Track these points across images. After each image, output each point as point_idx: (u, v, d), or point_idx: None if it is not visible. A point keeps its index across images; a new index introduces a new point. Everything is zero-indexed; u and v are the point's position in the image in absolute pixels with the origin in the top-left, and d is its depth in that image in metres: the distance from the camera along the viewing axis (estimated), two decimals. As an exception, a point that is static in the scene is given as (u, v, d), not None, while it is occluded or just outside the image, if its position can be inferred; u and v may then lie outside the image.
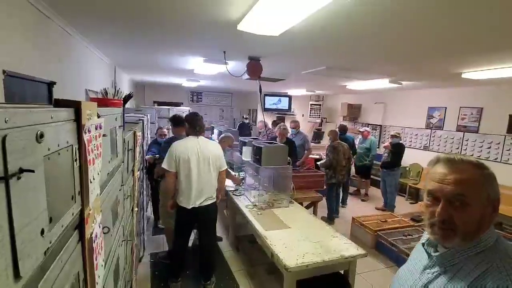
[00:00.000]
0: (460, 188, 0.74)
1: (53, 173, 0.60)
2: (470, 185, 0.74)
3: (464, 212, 0.74)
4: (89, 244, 0.81)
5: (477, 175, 0.75)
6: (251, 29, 2.03)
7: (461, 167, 0.76)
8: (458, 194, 0.74)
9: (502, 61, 2.90)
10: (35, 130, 0.51)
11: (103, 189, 1.06)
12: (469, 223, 0.74)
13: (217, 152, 2.65)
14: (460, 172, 0.76)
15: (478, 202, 0.73)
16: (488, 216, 0.75)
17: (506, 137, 4.59)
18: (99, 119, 0.90)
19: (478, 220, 0.74)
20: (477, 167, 0.75)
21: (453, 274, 0.76)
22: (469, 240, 0.75)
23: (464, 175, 0.75)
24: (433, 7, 1.61)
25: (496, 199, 0.75)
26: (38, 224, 0.53)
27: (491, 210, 0.75)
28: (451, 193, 0.75)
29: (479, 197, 0.74)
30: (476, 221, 0.74)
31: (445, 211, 0.75)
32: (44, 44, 2.01)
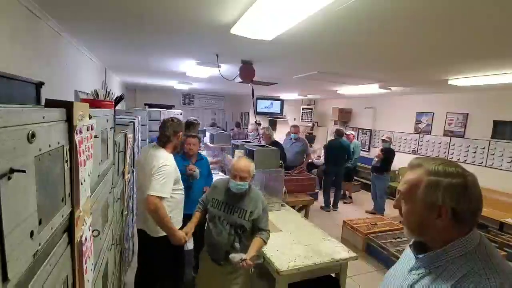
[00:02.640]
0: (403, 187, 0.86)
1: (44, 174, 0.59)
2: (409, 187, 0.83)
3: (404, 208, 0.85)
4: (78, 247, 0.80)
5: (421, 180, 0.81)
6: (244, 33, 2.05)
7: (414, 171, 0.84)
8: (399, 191, 0.87)
9: (486, 69, 3.01)
10: (27, 130, 0.51)
11: (94, 191, 1.05)
12: (408, 219, 0.85)
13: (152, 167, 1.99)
14: (410, 174, 0.85)
15: (414, 203, 0.82)
16: (431, 220, 0.79)
17: (491, 142, 4.74)
18: (91, 120, 0.89)
19: (416, 217, 0.82)
20: (428, 174, 0.80)
21: (436, 275, 0.79)
22: (416, 234, 0.86)
23: (409, 177, 0.85)
24: (421, 17, 1.66)
25: (437, 206, 0.77)
26: (28, 225, 0.52)
27: (435, 215, 0.78)
28: (399, 189, 0.88)
29: (415, 199, 0.81)
30: (413, 218, 0.83)
31: (396, 202, 0.88)
32: (33, 44, 1.97)
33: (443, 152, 5.51)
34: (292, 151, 5.13)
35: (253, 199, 1.91)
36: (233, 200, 1.90)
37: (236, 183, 1.84)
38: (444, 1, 1.45)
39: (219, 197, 1.94)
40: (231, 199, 1.91)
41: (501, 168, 4.59)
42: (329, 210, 5.36)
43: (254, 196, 1.93)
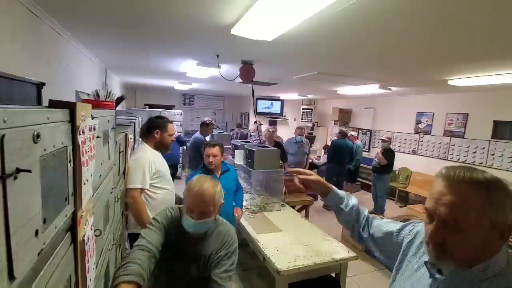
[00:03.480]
0: (454, 212, 0.65)
1: (48, 174, 0.59)
2: (466, 210, 0.64)
3: (458, 237, 0.65)
4: (81, 247, 0.81)
5: (478, 198, 0.64)
6: (244, 34, 2.06)
7: (460, 187, 0.66)
8: (452, 219, 0.65)
9: (486, 69, 3.02)
10: (32, 131, 0.51)
11: (95, 191, 1.05)
12: (465, 249, 0.66)
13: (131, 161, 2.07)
14: (457, 193, 0.66)
15: (476, 228, 0.64)
16: (493, 242, 0.65)
17: (491, 142, 4.75)
18: (93, 120, 0.90)
19: (476, 246, 0.65)
20: (481, 188, 0.64)
21: None
22: (466, 265, 0.68)
23: (461, 198, 0.65)
24: (421, 18, 1.67)
25: (506, 224, 0.64)
26: (33, 224, 0.52)
27: (498, 236, 0.65)
28: (444, 216, 0.66)
29: (477, 223, 0.64)
30: (473, 247, 0.66)
31: (438, 234, 0.67)
32: (33, 44, 1.97)
33: (443, 152, 5.52)
34: (297, 153, 5.13)
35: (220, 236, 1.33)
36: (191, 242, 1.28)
37: (193, 222, 1.22)
38: (443, 2, 1.45)
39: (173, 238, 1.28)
40: (185, 242, 1.27)
41: (501, 168, 4.59)
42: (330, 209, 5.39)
43: (222, 232, 1.34)
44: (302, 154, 5.20)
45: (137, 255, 1.10)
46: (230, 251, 1.31)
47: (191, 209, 1.23)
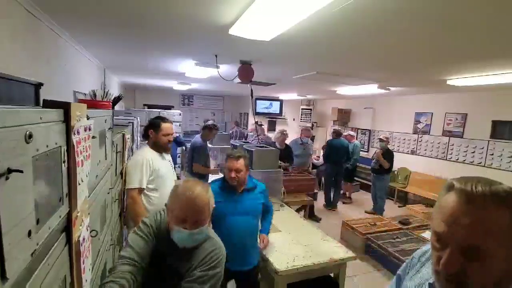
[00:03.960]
0: (479, 237, 0.53)
1: (41, 174, 0.59)
2: (494, 234, 0.52)
3: (481, 267, 0.53)
4: (76, 247, 0.80)
5: (503, 217, 0.53)
6: (242, 34, 2.06)
7: (483, 206, 0.54)
8: (474, 246, 0.53)
9: (484, 69, 3.02)
10: (24, 131, 0.51)
11: (92, 191, 1.05)
12: (489, 278, 0.54)
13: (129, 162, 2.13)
14: (480, 213, 0.54)
15: (501, 255, 0.53)
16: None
17: (490, 142, 4.76)
18: (88, 120, 0.89)
19: (500, 276, 0.54)
20: (503, 203, 0.54)
21: None
22: None
23: (487, 220, 0.53)
24: (420, 18, 1.67)
25: None
26: (26, 225, 0.52)
27: None
28: (465, 241, 0.54)
29: (504, 248, 0.52)
30: (498, 274, 0.54)
31: (454, 263, 0.54)
32: (32, 45, 1.97)
33: (442, 152, 5.53)
34: (301, 154, 5.11)
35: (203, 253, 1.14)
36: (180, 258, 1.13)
37: (187, 234, 1.07)
38: (442, 2, 1.45)
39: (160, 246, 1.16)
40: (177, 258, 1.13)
41: (500, 168, 4.60)
42: (331, 208, 5.44)
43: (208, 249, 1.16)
44: (306, 156, 5.18)
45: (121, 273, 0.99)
46: (208, 275, 1.08)
47: (182, 219, 1.06)
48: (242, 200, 1.94)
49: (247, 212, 1.93)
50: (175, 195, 1.11)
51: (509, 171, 4.49)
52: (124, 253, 1.08)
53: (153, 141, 2.23)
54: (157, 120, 2.27)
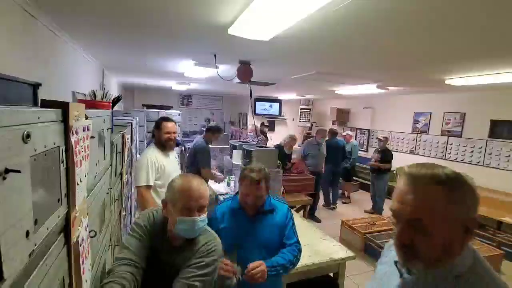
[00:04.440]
0: (418, 212, 0.64)
1: (39, 174, 0.59)
2: (430, 209, 0.63)
3: (425, 238, 0.64)
4: (75, 248, 0.80)
5: (440, 195, 0.63)
6: (241, 33, 2.05)
7: (424, 185, 0.65)
8: (416, 219, 0.64)
9: (482, 69, 3.03)
10: (22, 130, 0.51)
11: (90, 192, 1.04)
12: (432, 249, 0.64)
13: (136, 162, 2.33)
14: (421, 191, 0.64)
15: (441, 227, 0.63)
16: (459, 239, 0.65)
17: (488, 141, 4.77)
18: (87, 120, 0.89)
19: (443, 245, 0.64)
20: (441, 184, 0.63)
21: None
22: (434, 265, 0.66)
23: (424, 197, 0.64)
24: (418, 17, 1.67)
25: (470, 219, 0.64)
26: (23, 225, 0.52)
27: (463, 231, 0.64)
28: (408, 216, 0.65)
29: (442, 222, 0.63)
30: (440, 246, 0.64)
31: (404, 235, 0.66)
32: (30, 45, 1.96)
33: (441, 151, 5.54)
34: (317, 155, 4.97)
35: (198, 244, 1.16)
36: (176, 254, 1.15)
37: (195, 220, 1.10)
38: (440, 2, 1.46)
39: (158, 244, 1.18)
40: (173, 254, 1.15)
41: (498, 167, 4.61)
42: (331, 208, 5.46)
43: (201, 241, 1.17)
44: (321, 156, 5.05)
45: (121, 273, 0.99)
46: (205, 261, 1.11)
47: (188, 208, 1.09)
48: (255, 227, 1.53)
49: (262, 245, 1.51)
50: (175, 189, 1.14)
51: (507, 170, 4.50)
52: (121, 255, 1.09)
53: (157, 139, 2.38)
54: (159, 120, 2.43)
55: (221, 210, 1.63)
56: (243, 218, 1.56)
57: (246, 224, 1.54)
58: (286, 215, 1.61)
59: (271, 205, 1.60)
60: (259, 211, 1.55)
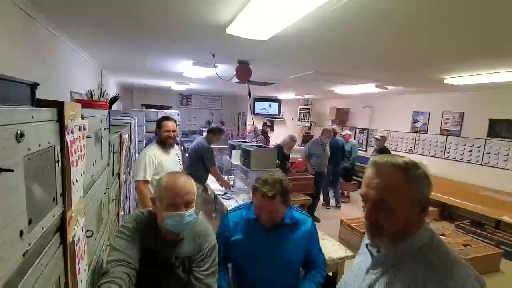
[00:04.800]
0: (383, 193, 0.75)
1: (34, 174, 0.58)
2: (392, 191, 0.75)
3: (389, 216, 0.75)
4: (71, 248, 0.80)
5: (400, 179, 0.75)
6: (239, 33, 2.05)
7: (385, 171, 0.77)
8: (381, 201, 0.76)
9: (481, 68, 3.03)
10: (15, 130, 0.50)
11: (87, 191, 1.04)
12: (394, 225, 0.75)
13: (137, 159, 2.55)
14: (383, 176, 0.77)
15: (401, 206, 0.74)
16: (416, 216, 0.76)
17: (487, 140, 4.78)
18: (83, 120, 0.89)
19: (403, 221, 0.75)
20: (401, 170, 0.76)
21: (393, 274, 0.76)
22: (397, 240, 0.77)
23: (386, 180, 0.76)
24: (416, 16, 1.67)
25: (424, 199, 0.76)
26: (17, 225, 0.51)
27: (419, 210, 0.76)
28: (374, 198, 0.77)
29: (402, 201, 0.74)
30: (401, 223, 0.75)
31: (371, 215, 0.78)
32: (28, 45, 1.96)
33: (440, 151, 5.54)
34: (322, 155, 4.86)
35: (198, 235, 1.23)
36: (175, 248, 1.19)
37: (182, 215, 1.12)
38: (439, 2, 1.46)
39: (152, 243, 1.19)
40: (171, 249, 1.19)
41: (497, 166, 4.62)
42: (329, 207, 5.46)
43: (199, 231, 1.24)
44: (326, 157, 4.96)
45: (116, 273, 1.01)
46: (210, 247, 1.23)
47: (174, 204, 1.12)
48: (273, 243, 1.34)
49: (281, 263, 1.34)
50: (162, 186, 1.17)
51: (505, 169, 4.51)
52: (113, 257, 1.09)
53: (158, 137, 2.55)
54: (160, 119, 2.59)
55: (234, 218, 1.45)
56: (260, 231, 1.36)
57: (263, 238, 1.35)
58: (311, 230, 1.43)
59: (293, 218, 1.40)
60: (278, 225, 1.36)
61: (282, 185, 1.31)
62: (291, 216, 1.42)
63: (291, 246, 1.37)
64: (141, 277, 1.13)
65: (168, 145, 2.54)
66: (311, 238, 1.44)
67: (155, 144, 2.55)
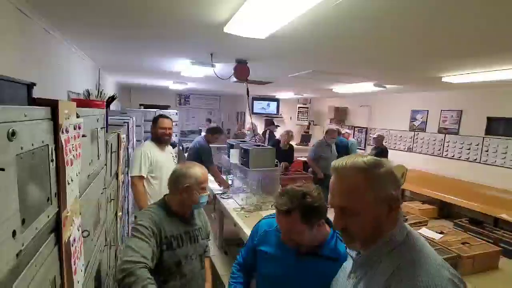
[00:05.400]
0: (344, 199, 0.73)
1: (27, 173, 0.58)
2: (353, 195, 0.72)
3: (355, 220, 0.72)
4: (66, 248, 0.79)
5: (360, 181, 0.71)
6: (237, 32, 2.04)
7: (344, 175, 0.74)
8: (342, 207, 0.74)
9: (478, 66, 3.03)
10: (7, 128, 0.50)
11: (84, 191, 1.03)
12: (363, 229, 0.73)
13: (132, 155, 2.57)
14: (342, 181, 0.74)
15: (365, 208, 0.71)
16: (385, 216, 0.72)
17: (485, 138, 4.79)
18: (78, 119, 0.88)
19: (372, 224, 0.72)
20: (360, 171, 0.72)
21: (371, 276, 0.74)
22: (370, 243, 0.74)
23: (345, 185, 0.73)
24: (414, 15, 1.67)
25: (390, 197, 0.72)
26: (10, 225, 0.51)
27: (387, 209, 0.72)
28: (337, 205, 0.75)
29: (365, 204, 0.71)
30: (370, 225, 0.72)
31: (338, 221, 0.76)
32: (24, 44, 1.94)
33: (438, 149, 5.56)
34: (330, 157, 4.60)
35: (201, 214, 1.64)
36: (190, 222, 1.51)
37: (208, 195, 1.52)
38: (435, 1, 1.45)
39: (174, 230, 1.39)
40: (186, 224, 1.48)
41: (495, 164, 4.63)
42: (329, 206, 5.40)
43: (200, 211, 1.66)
44: (334, 158, 4.87)
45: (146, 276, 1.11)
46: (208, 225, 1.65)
47: (205, 187, 1.48)
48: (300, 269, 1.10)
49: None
50: (197, 175, 1.44)
51: (503, 167, 4.52)
52: (134, 258, 1.15)
53: (153, 134, 2.56)
54: (156, 116, 2.61)
55: (265, 227, 1.28)
56: (287, 251, 1.13)
57: (289, 260, 1.12)
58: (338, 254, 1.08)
59: (336, 252, 1.09)
60: (316, 252, 1.10)
61: (304, 199, 1.05)
62: (333, 248, 1.11)
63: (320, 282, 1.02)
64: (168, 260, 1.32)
65: (163, 142, 2.55)
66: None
67: (150, 141, 2.57)
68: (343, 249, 1.08)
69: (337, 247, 1.11)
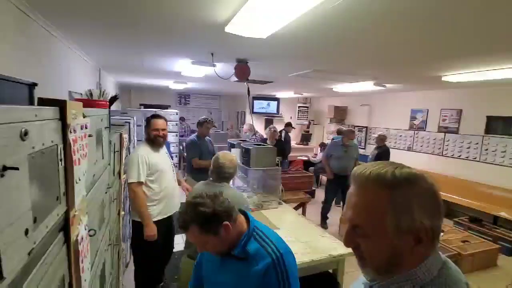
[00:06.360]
0: (356, 216, 0.59)
1: (38, 173, 0.58)
2: (368, 215, 0.58)
3: (369, 243, 0.58)
4: (74, 247, 0.80)
5: (381, 199, 0.56)
6: (238, 32, 2.05)
7: (363, 187, 0.59)
8: (354, 225, 0.60)
9: (478, 65, 3.04)
10: (19, 128, 0.50)
11: (89, 191, 1.04)
12: (376, 255, 0.59)
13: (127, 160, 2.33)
14: (359, 194, 0.59)
15: (381, 234, 0.56)
16: (408, 250, 0.56)
17: (484, 137, 4.80)
18: (85, 119, 0.89)
19: (388, 253, 0.57)
20: (384, 187, 0.56)
21: None
22: (386, 273, 0.59)
23: (362, 200, 0.59)
24: (414, 14, 1.68)
25: (419, 228, 0.55)
26: (22, 223, 0.51)
27: (413, 242, 0.56)
28: (351, 220, 0.60)
29: (381, 230, 0.56)
30: (384, 254, 0.58)
31: (347, 239, 0.62)
32: (25, 44, 1.95)
33: (438, 148, 5.57)
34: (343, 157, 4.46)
35: None
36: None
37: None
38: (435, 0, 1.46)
39: None
40: None
41: (494, 162, 4.65)
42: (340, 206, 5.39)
43: None
44: (349, 159, 4.48)
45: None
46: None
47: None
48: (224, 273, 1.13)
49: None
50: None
51: (503, 165, 4.54)
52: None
53: (146, 136, 2.42)
54: (149, 116, 2.47)
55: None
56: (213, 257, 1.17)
57: (216, 265, 1.15)
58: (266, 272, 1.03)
59: (244, 252, 1.07)
60: (232, 254, 1.09)
61: (196, 210, 1.01)
62: (242, 249, 1.08)
63: (240, 282, 1.06)
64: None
65: (157, 144, 2.39)
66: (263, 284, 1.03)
67: (144, 143, 2.41)
68: (252, 248, 1.07)
69: (245, 247, 1.08)
